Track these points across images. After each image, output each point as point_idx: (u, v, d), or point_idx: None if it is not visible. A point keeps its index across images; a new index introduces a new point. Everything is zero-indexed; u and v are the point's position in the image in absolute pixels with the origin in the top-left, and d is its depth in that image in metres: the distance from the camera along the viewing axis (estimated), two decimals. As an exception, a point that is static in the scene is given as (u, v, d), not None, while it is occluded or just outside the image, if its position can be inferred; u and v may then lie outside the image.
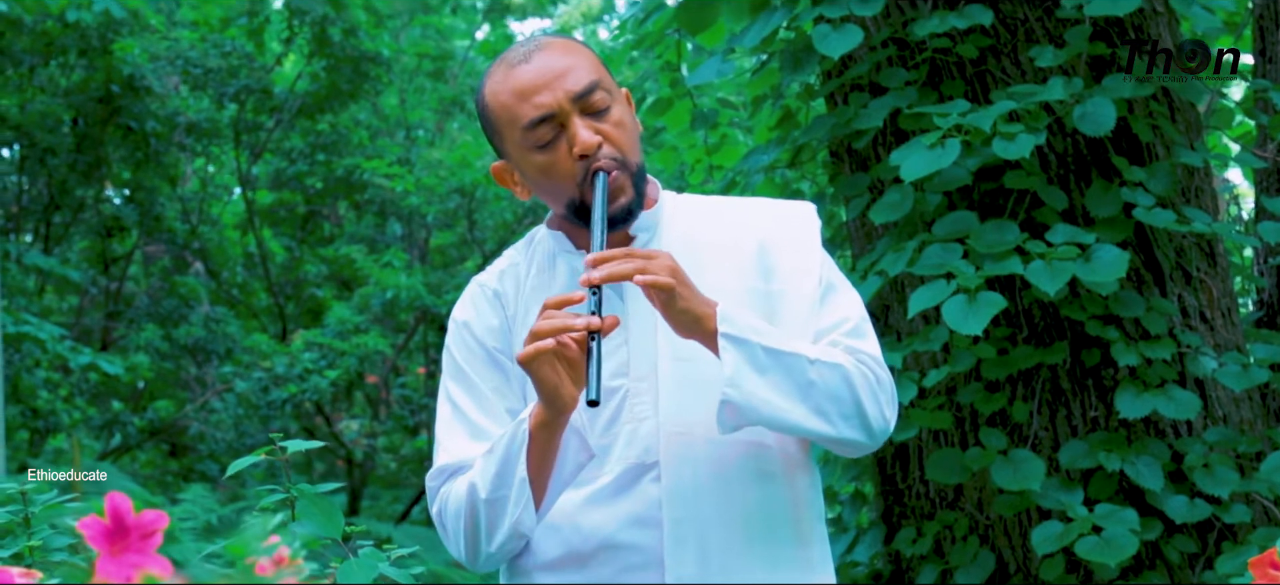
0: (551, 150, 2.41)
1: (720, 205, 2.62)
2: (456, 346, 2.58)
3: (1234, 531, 4.33)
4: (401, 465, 13.96)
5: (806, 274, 2.48)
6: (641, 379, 2.44)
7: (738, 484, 2.42)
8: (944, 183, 4.29)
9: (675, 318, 2.30)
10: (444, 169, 11.11)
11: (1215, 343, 4.52)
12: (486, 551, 2.44)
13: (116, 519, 1.49)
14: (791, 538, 2.45)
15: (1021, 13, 4.49)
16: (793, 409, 2.31)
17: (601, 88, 2.42)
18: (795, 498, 2.46)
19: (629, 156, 2.43)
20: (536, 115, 2.40)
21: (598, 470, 2.45)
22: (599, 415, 2.43)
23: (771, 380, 2.30)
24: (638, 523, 2.42)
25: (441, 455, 2.54)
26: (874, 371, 2.40)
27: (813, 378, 2.32)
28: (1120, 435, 4.30)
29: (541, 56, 2.43)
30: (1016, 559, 4.44)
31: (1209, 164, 4.82)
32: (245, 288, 12.37)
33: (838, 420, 2.34)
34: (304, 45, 10.90)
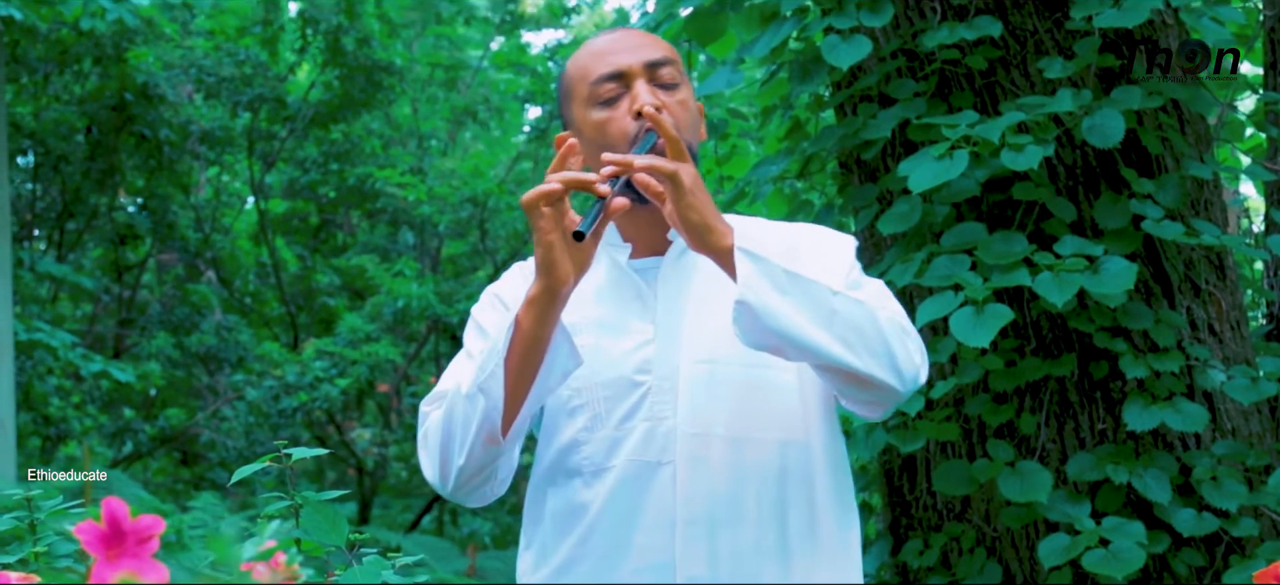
0: (612, 107, 2.44)
1: (759, 222, 2.62)
2: (481, 309, 2.60)
3: (1242, 545, 4.32)
4: (412, 474, 13.97)
5: (832, 272, 2.44)
6: (664, 379, 2.44)
7: (754, 486, 2.40)
8: (952, 194, 4.29)
9: (685, 219, 2.27)
10: (456, 178, 11.12)
11: (1224, 356, 4.51)
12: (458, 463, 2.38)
13: (113, 524, 1.49)
14: (806, 538, 2.43)
15: (1031, 24, 4.49)
16: (814, 332, 2.25)
17: (674, 66, 2.48)
18: (814, 498, 2.44)
19: (685, 133, 2.42)
20: (606, 70, 2.45)
21: (607, 461, 2.44)
22: (616, 408, 2.43)
23: (791, 301, 2.25)
24: (650, 523, 2.41)
25: (439, 385, 2.53)
26: (900, 322, 2.36)
27: (836, 307, 2.27)
28: (1128, 448, 4.29)
29: (626, 31, 2.54)
30: (1023, 571, 4.43)
31: (1219, 176, 4.81)
32: (257, 296, 12.40)
33: (864, 353, 2.28)
34: (317, 54, 10.92)
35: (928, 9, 4.55)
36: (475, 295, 10.72)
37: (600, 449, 2.45)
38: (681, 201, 2.26)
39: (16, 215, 10.33)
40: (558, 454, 2.50)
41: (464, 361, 2.53)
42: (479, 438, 2.36)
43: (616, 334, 2.48)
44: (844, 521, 2.50)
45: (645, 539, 2.41)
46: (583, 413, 2.47)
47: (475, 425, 2.35)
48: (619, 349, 2.47)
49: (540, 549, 2.52)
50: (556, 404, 2.50)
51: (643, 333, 2.47)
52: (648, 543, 2.41)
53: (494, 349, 2.33)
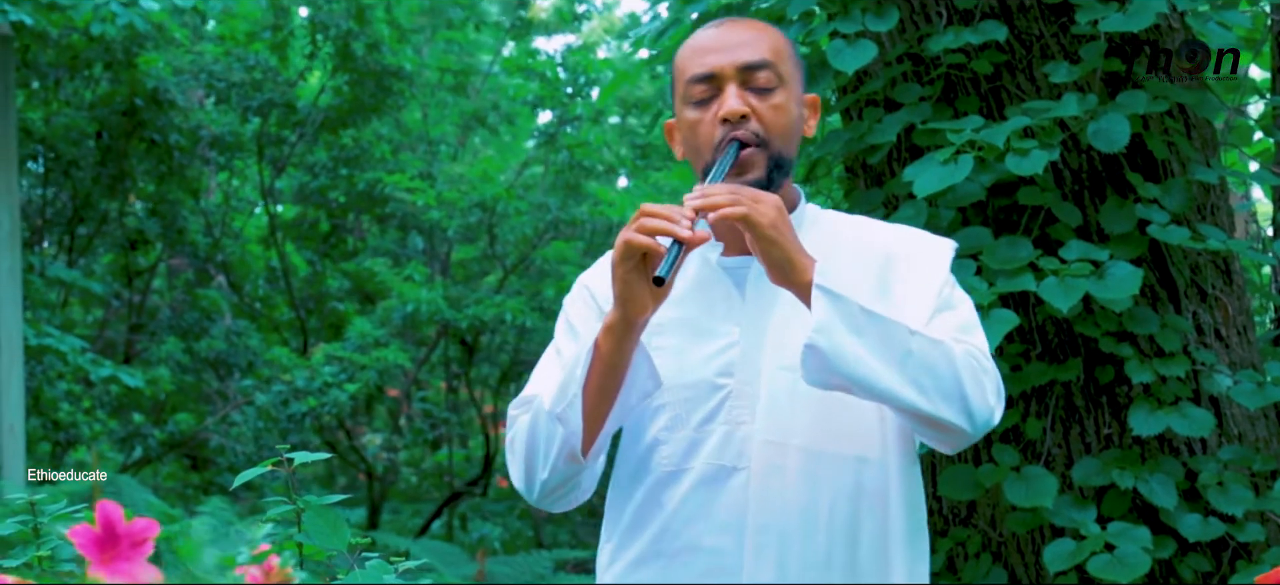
0: (703, 109, 2.47)
1: (860, 224, 2.62)
2: (573, 302, 2.64)
3: (1248, 550, 4.32)
4: (422, 479, 13.98)
5: (924, 289, 2.45)
6: (746, 384, 2.45)
7: (827, 499, 2.41)
8: (958, 198, 4.29)
9: (768, 256, 2.28)
10: (465, 183, 11.13)
11: (1230, 360, 4.50)
12: (541, 477, 2.45)
13: (107, 528, 1.50)
14: (877, 558, 2.43)
15: (1036, 29, 4.49)
16: (886, 373, 2.26)
17: (773, 70, 2.47)
18: (887, 519, 2.44)
19: (773, 141, 2.44)
20: (700, 72, 2.47)
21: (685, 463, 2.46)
22: (696, 410, 2.45)
23: (865, 341, 2.26)
24: (722, 527, 2.43)
25: (528, 388, 2.57)
26: (979, 360, 2.35)
27: (912, 347, 2.27)
28: (1134, 453, 4.29)
29: (732, 25, 2.52)
30: (1029, 576, 4.42)
31: (1226, 181, 4.80)
32: (267, 301, 12.41)
33: (936, 396, 2.28)
34: (327, 60, 10.94)
35: (933, 13, 4.55)
36: (484, 299, 10.76)
37: (679, 450, 2.48)
38: (761, 239, 2.28)
39: (27, 221, 10.35)
40: (639, 453, 2.53)
41: (552, 361, 2.59)
42: (561, 456, 2.42)
43: (701, 336, 2.49)
44: (915, 546, 2.49)
45: (716, 542, 2.44)
46: (664, 413, 2.49)
47: (557, 445, 2.41)
48: (703, 352, 2.48)
49: (617, 545, 2.56)
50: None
51: (728, 336, 2.48)
52: (719, 546, 2.43)
53: (573, 376, 2.37)
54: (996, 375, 2.38)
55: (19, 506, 2.83)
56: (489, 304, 10.48)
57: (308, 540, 2.68)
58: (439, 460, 13.56)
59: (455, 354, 12.29)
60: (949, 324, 2.41)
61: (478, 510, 13.24)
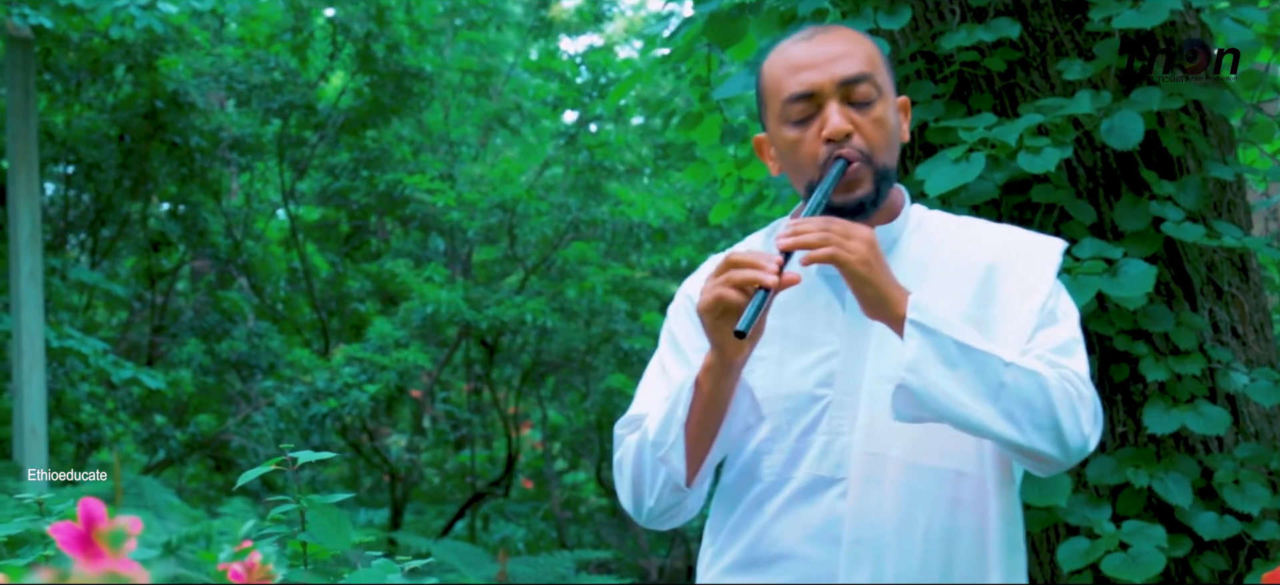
0: (804, 128, 2.46)
1: (965, 227, 2.60)
2: (675, 314, 2.66)
3: (1265, 549, 4.29)
4: (445, 480, 13.99)
5: (1029, 298, 2.44)
6: (846, 394, 2.45)
7: (924, 512, 2.40)
8: (971, 197, 4.27)
9: (861, 294, 2.29)
10: (486, 184, 11.14)
11: (1247, 358, 4.48)
12: (648, 505, 2.49)
13: (89, 524, 1.50)
14: (971, 572, 2.43)
15: (1050, 26, 4.47)
16: (979, 408, 2.26)
17: (871, 82, 2.46)
18: (984, 533, 2.43)
19: (877, 155, 2.44)
20: (798, 90, 2.46)
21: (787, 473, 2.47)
22: (797, 421, 2.46)
23: (959, 376, 2.25)
24: (818, 536, 2.44)
25: (634, 407, 2.60)
26: (1076, 386, 2.34)
27: (1006, 380, 2.26)
28: (1149, 451, 4.27)
29: (823, 38, 2.51)
30: (1044, 574, 4.41)
31: (1243, 178, 4.78)
32: (289, 303, 12.44)
33: (1029, 428, 2.28)
34: (348, 61, 10.95)
35: (946, 11, 4.53)
36: (505, 300, 10.77)
37: (781, 460, 2.49)
38: (852, 277, 2.28)
39: (50, 223, 10.39)
40: (742, 463, 2.54)
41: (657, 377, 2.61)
42: (666, 488, 2.47)
43: (801, 347, 2.49)
44: (1012, 561, 2.49)
45: (812, 551, 2.44)
46: (765, 424, 2.50)
47: (661, 479, 2.46)
48: (802, 363, 2.49)
49: (717, 551, 2.57)
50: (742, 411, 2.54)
51: (828, 345, 2.48)
52: (814, 556, 2.44)
53: (675, 416, 2.40)
54: (1094, 400, 2.37)
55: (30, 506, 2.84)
56: (509, 305, 10.49)
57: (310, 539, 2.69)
58: (462, 461, 13.57)
59: (477, 355, 12.29)
60: (1049, 342, 2.39)
61: (500, 511, 13.25)
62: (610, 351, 11.25)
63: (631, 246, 11.29)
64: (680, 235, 11.60)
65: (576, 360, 11.85)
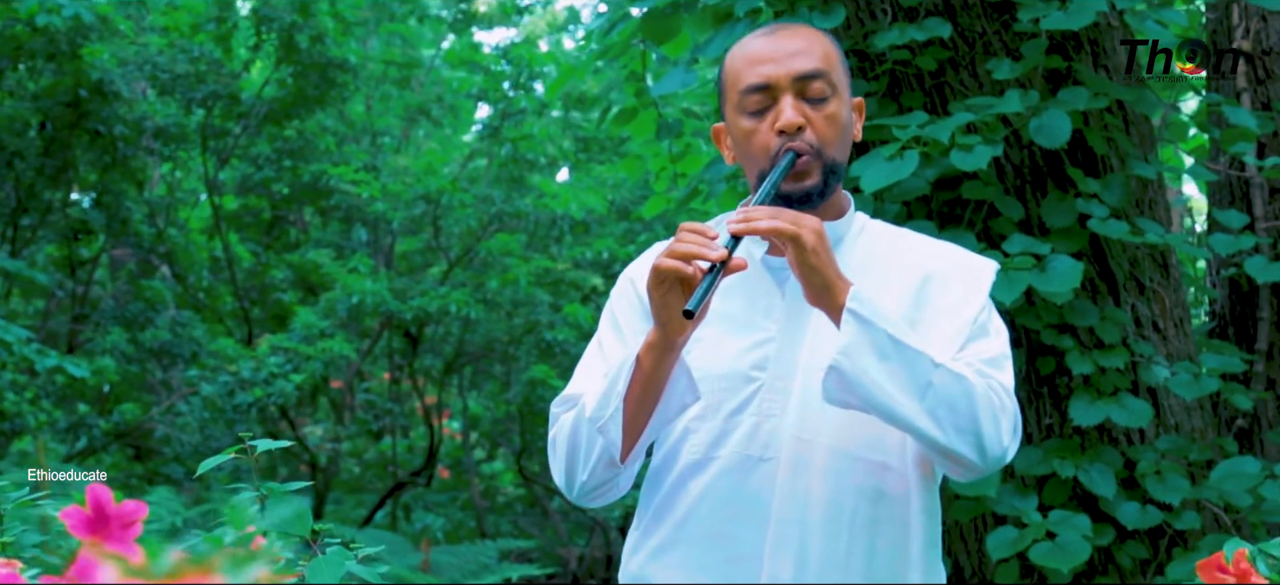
0: (758, 119, 2.50)
1: (907, 238, 2.66)
2: (618, 296, 2.69)
3: (1184, 538, 4.42)
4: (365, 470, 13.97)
5: (962, 309, 2.50)
6: (779, 379, 2.50)
7: (850, 499, 2.46)
8: (903, 193, 4.37)
9: (805, 276, 2.33)
10: (410, 176, 11.15)
11: (1167, 352, 4.60)
12: (581, 479, 2.52)
13: (97, 509, 1.55)
14: (895, 558, 2.49)
15: (979, 26, 4.57)
16: (905, 402, 2.31)
17: (826, 79, 2.50)
18: (906, 525, 2.49)
19: (828, 150, 2.49)
20: (755, 82, 2.50)
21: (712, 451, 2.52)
22: (727, 400, 2.50)
23: (889, 368, 2.30)
24: (745, 516, 2.48)
25: (570, 386, 2.64)
26: (1000, 397, 2.40)
27: (934, 380, 2.32)
28: (1074, 442, 4.38)
29: (785, 34, 2.54)
30: (972, 564, 4.51)
31: (1162, 176, 4.90)
32: (211, 292, 12.38)
33: (951, 430, 2.33)
34: (271, 51, 10.92)
35: (878, 10, 4.62)
36: (429, 291, 10.78)
37: (707, 439, 2.53)
38: (802, 259, 2.32)
39: (-31, 212, 10.29)
40: (671, 443, 2.59)
41: (595, 358, 2.65)
42: (600, 462, 2.49)
43: (739, 329, 2.53)
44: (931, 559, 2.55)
45: (739, 531, 2.48)
46: (699, 402, 2.53)
47: (597, 453, 2.48)
48: (738, 345, 2.53)
49: (644, 531, 2.61)
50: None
51: (765, 331, 2.53)
52: (741, 535, 2.48)
53: (614, 390, 2.44)
54: (1015, 413, 2.43)
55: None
56: (434, 296, 10.51)
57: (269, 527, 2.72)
58: (382, 450, 13.56)
59: (399, 345, 12.29)
60: (979, 354, 2.45)
61: (421, 500, 13.25)
62: (532, 343, 11.29)
63: (553, 239, 11.33)
64: (602, 227, 11.66)
65: (498, 351, 11.88)
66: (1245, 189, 5.11)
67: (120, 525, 1.55)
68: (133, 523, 1.54)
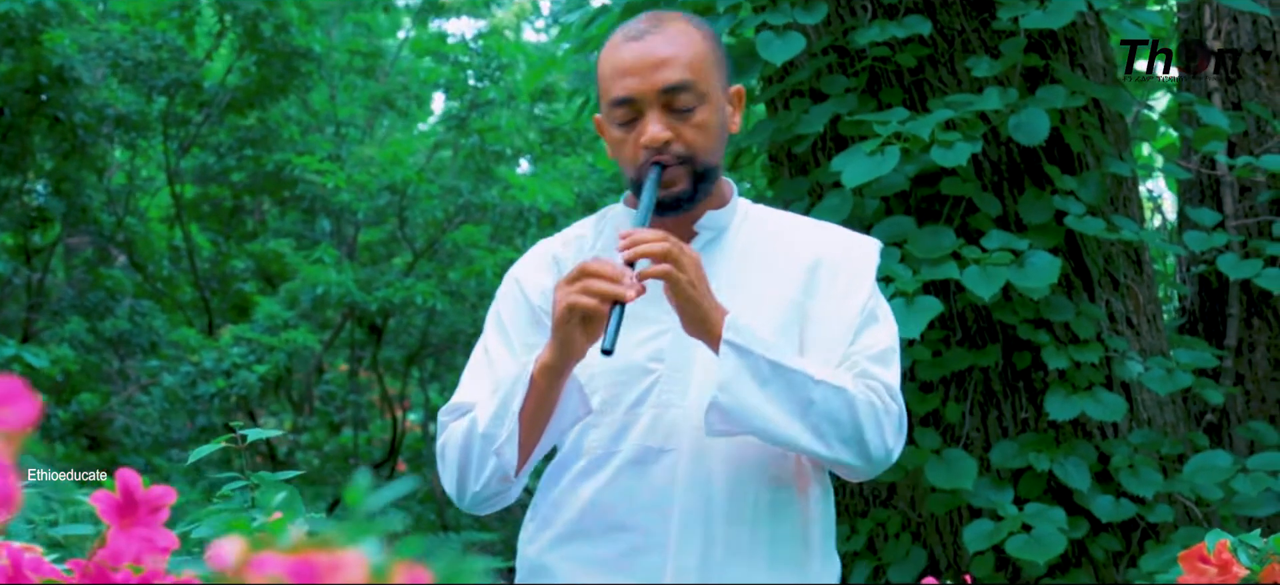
0: (627, 130, 2.50)
1: (790, 222, 2.67)
2: (504, 298, 2.67)
3: (1157, 530, 4.47)
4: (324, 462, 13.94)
5: (850, 297, 2.52)
6: (676, 369, 2.50)
7: (752, 485, 2.47)
8: (882, 188, 4.40)
9: (684, 313, 2.36)
10: (375, 166, 11.12)
11: (1140, 348, 4.65)
12: (473, 490, 2.50)
13: (127, 494, 1.54)
14: (796, 543, 2.51)
15: (959, 24, 4.61)
16: (787, 424, 2.35)
17: (692, 90, 2.47)
18: (805, 505, 2.51)
19: (699, 157, 2.48)
20: (621, 95, 2.49)
21: (614, 445, 2.52)
22: (626, 394, 2.51)
23: (770, 393, 2.34)
24: (649, 506, 2.48)
25: (459, 393, 2.62)
26: (883, 400, 2.42)
27: (814, 398, 2.35)
28: (1049, 436, 4.42)
29: (651, 39, 2.50)
30: (947, 556, 4.55)
31: (1135, 173, 4.95)
32: (170, 281, 12.32)
33: (835, 442, 2.37)
34: (235, 40, 10.88)
35: (858, 7, 4.65)
36: (394, 282, 10.77)
37: (608, 432, 2.53)
38: (678, 296, 2.34)
39: (-74, 198, 10.21)
40: (572, 437, 2.58)
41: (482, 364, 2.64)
42: (494, 477, 2.48)
43: (634, 323, 2.50)
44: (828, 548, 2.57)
45: (643, 521, 2.49)
46: (595, 398, 2.53)
47: (490, 469, 2.47)
48: (634, 338, 2.51)
49: (542, 520, 2.61)
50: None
51: (660, 322, 2.52)
52: (645, 524, 2.49)
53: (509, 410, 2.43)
54: (899, 413, 2.45)
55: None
56: (399, 287, 10.49)
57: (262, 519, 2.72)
58: (342, 443, 13.53)
59: (362, 337, 12.26)
60: (869, 348, 2.47)
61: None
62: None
63: (519, 231, 11.33)
64: (568, 220, 11.65)
65: (462, 342, 11.87)
66: (1216, 187, 5.17)
67: (149, 510, 1.55)
68: (160, 507, 1.54)
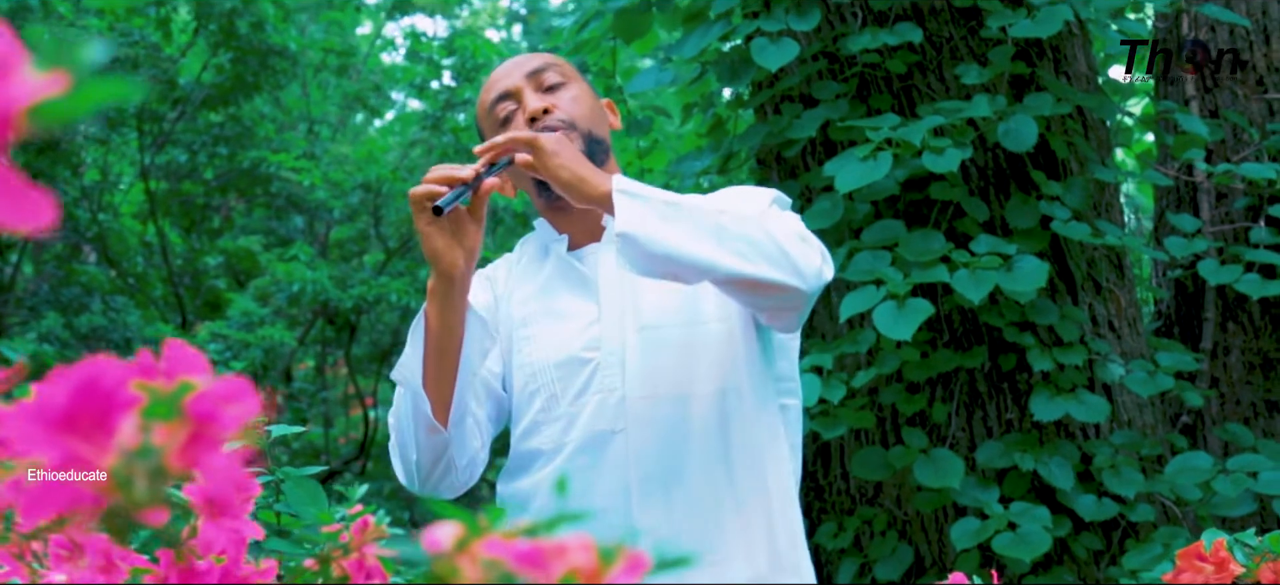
0: (511, 122, 2.60)
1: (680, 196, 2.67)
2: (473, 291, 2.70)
3: (1137, 529, 4.56)
4: (293, 459, 13.96)
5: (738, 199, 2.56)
6: (612, 354, 2.55)
7: (699, 439, 2.50)
8: (872, 192, 4.48)
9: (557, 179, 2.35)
10: (350, 164, 11.16)
11: (1122, 350, 4.75)
12: (413, 457, 2.50)
13: (215, 486, 1.61)
14: (759, 493, 2.53)
15: (947, 32, 4.70)
16: (704, 245, 2.31)
17: (557, 69, 2.65)
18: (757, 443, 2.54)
19: (580, 123, 2.58)
20: (497, 94, 2.64)
21: (564, 437, 2.56)
22: (569, 386, 2.55)
23: (676, 225, 2.32)
24: (608, 489, 2.51)
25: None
26: (796, 230, 2.42)
27: (723, 224, 2.33)
28: (1033, 436, 4.52)
29: (512, 59, 2.73)
30: (933, 553, 4.63)
31: (1118, 180, 5.06)
32: (143, 278, 12.32)
33: (760, 260, 2.33)
34: (211, 37, 10.89)
35: (849, 14, 4.74)
36: (368, 280, 10.80)
37: (558, 427, 2.57)
38: (547, 163, 2.35)
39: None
40: (522, 437, 2.62)
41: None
42: (421, 430, 2.47)
43: (564, 318, 2.59)
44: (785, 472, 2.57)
45: (607, 502, 2.52)
46: (539, 396, 2.59)
47: (412, 420, 2.48)
48: (567, 331, 2.59)
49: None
50: (517, 394, 2.64)
51: (588, 313, 2.58)
52: (607, 506, 2.52)
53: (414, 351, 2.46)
54: (819, 244, 2.44)
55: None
56: (373, 285, 10.53)
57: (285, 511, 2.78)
58: (312, 439, 13.55)
59: (333, 335, 12.29)
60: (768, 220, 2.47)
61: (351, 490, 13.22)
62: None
63: (490, 230, 11.37)
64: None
65: (433, 340, 11.91)
66: (1193, 193, 5.27)
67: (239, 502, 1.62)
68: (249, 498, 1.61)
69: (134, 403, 0.97)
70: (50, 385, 0.98)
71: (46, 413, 0.95)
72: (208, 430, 0.95)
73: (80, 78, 0.62)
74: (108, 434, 0.95)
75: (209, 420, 0.95)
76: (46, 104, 0.65)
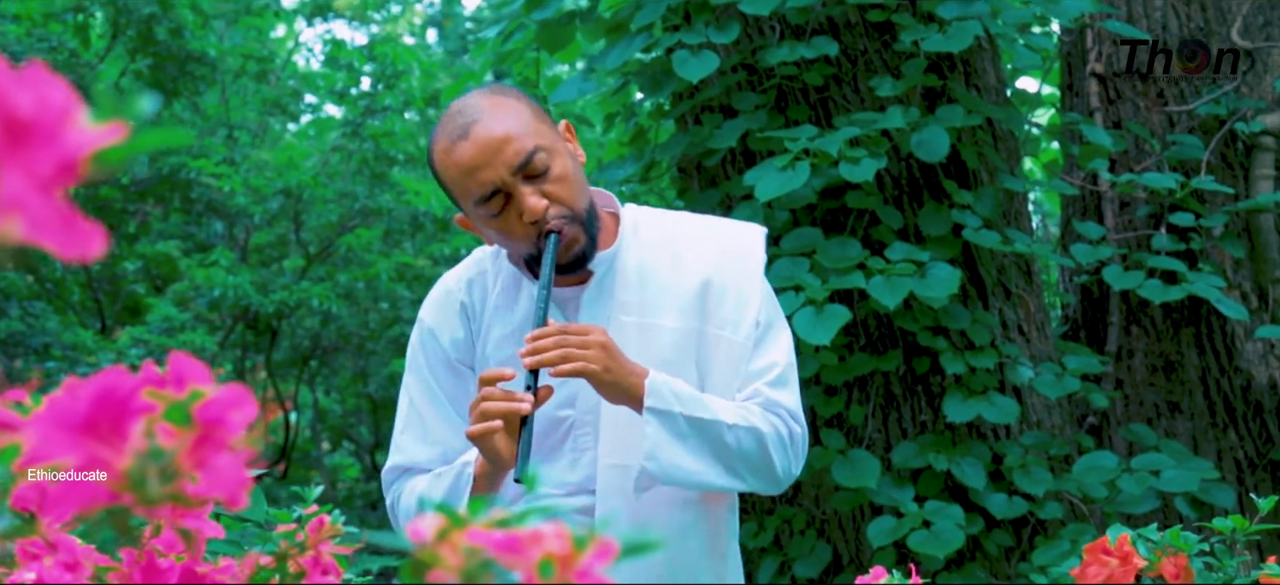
0: (504, 217, 2.51)
1: (675, 228, 2.73)
2: (422, 349, 2.72)
3: (1046, 526, 4.72)
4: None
5: (745, 313, 2.62)
6: (587, 411, 2.60)
7: (663, 512, 2.59)
8: (791, 201, 4.61)
9: (606, 392, 2.46)
10: (270, 170, 11.18)
11: (1031, 353, 4.91)
12: None
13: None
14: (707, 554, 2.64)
15: (862, 45, 4.84)
16: (707, 471, 2.50)
17: (540, 150, 2.49)
18: (715, 519, 2.65)
19: (577, 206, 2.53)
20: (483, 192, 2.49)
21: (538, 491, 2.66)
22: (544, 442, 2.58)
23: (690, 445, 2.49)
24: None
25: (396, 454, 2.70)
26: (789, 427, 2.57)
27: (729, 443, 2.50)
28: (947, 437, 4.66)
29: (479, 130, 2.50)
30: (850, 551, 4.77)
31: (1027, 189, 5.22)
32: (61, 283, 12.27)
33: (748, 476, 2.54)
34: (129, 43, 10.88)
35: (768, 27, 4.87)
36: (289, 285, 10.83)
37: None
38: (600, 386, 2.45)
39: None
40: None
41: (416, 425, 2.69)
42: None
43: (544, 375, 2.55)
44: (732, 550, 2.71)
45: None
46: None
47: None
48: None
49: None
50: None
51: None
52: None
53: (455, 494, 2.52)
54: (803, 432, 2.60)
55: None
56: (295, 290, 10.57)
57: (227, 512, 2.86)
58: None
59: (253, 339, 12.30)
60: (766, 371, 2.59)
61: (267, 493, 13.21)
62: (390, 337, 11.39)
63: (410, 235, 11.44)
64: (460, 224, 11.72)
65: (353, 345, 11.96)
66: (1098, 202, 5.44)
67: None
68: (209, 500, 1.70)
69: (145, 409, 1.08)
70: (70, 395, 1.08)
71: (68, 419, 1.05)
72: (215, 433, 1.05)
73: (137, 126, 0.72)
74: (123, 438, 1.06)
75: (216, 424, 1.06)
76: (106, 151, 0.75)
